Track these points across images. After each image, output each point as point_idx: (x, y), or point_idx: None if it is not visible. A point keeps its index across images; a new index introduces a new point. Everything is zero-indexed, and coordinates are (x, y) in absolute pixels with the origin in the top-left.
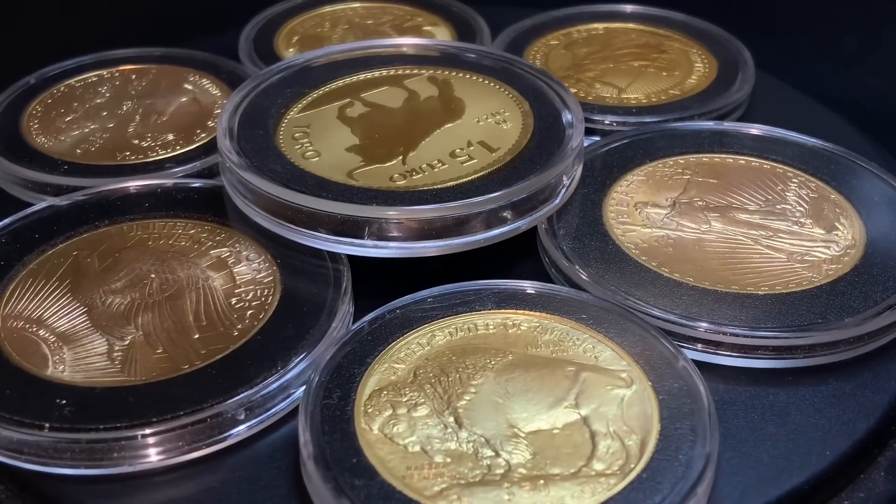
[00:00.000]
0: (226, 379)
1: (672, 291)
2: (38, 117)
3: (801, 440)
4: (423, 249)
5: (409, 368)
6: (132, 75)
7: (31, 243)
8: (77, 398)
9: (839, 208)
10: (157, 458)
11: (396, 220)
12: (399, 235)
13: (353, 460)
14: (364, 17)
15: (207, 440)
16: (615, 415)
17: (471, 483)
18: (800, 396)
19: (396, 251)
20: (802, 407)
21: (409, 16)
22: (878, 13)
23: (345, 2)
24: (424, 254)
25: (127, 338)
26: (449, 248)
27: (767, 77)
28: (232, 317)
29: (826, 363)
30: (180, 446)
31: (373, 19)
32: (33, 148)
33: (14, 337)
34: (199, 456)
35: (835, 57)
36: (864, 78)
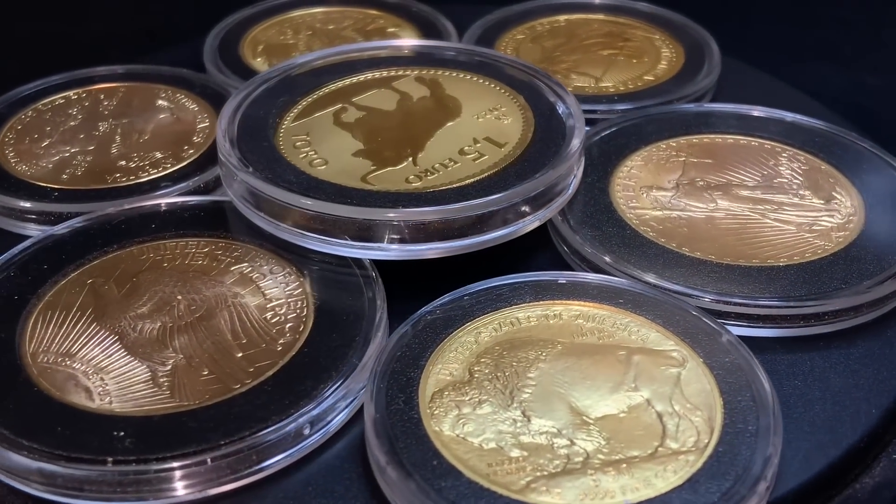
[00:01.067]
0: (284, 394)
1: (699, 270)
2: (12, 144)
3: (846, 401)
4: (450, 249)
5: (463, 367)
6: (100, 95)
7: (42, 275)
8: (135, 428)
9: (832, 178)
10: (228, 482)
11: (422, 221)
12: (423, 236)
13: (433, 462)
14: (325, 22)
15: (275, 458)
16: (676, 394)
17: (554, 474)
18: (834, 360)
19: (420, 252)
20: (839, 370)
21: (370, 18)
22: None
23: (302, 7)
24: (450, 253)
25: (168, 362)
26: (473, 246)
27: (732, 60)
28: (271, 332)
29: (851, 326)
30: (248, 467)
31: (334, 24)
32: (15, 176)
33: (48, 372)
34: (269, 475)
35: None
36: (864, 78)
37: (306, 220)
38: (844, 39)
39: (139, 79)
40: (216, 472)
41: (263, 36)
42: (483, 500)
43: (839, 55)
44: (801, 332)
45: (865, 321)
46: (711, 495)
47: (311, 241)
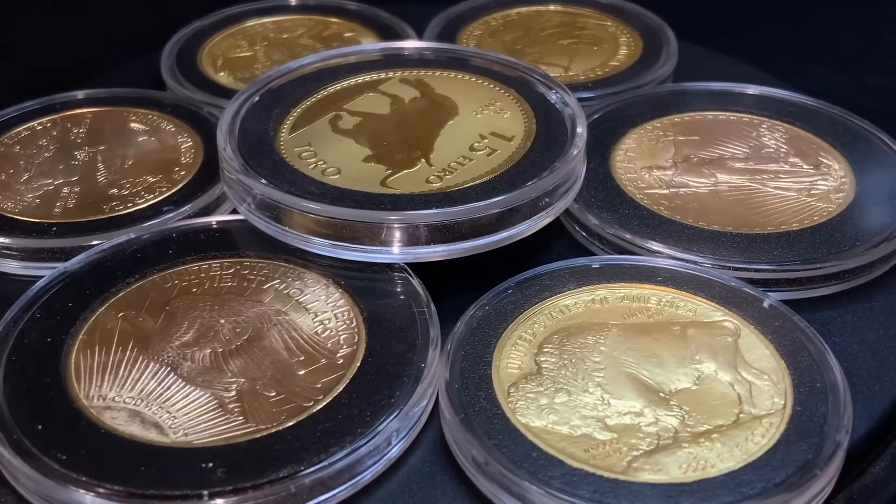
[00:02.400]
0: (364, 406)
1: (721, 242)
2: None
3: (883, 351)
4: (481, 246)
5: (528, 360)
6: (67, 123)
7: (69, 313)
8: (223, 458)
9: (814, 144)
10: (325, 500)
11: (457, 220)
12: (455, 235)
13: (533, 455)
14: (278, 31)
15: (369, 470)
16: (740, 361)
17: (649, 451)
18: (861, 314)
19: (452, 252)
20: (869, 323)
21: (322, 25)
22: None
23: (251, 18)
24: (483, 250)
25: (232, 388)
26: (504, 240)
27: (689, 44)
28: (326, 345)
29: (867, 281)
30: (343, 482)
31: (287, 33)
32: (2, 215)
33: (109, 412)
34: (363, 487)
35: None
36: (864, 78)
37: (336, 229)
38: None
39: (102, 103)
40: (312, 492)
41: (219, 49)
42: (594, 485)
43: (839, 55)
44: (824, 292)
45: (878, 275)
46: (805, 454)
47: (341, 249)
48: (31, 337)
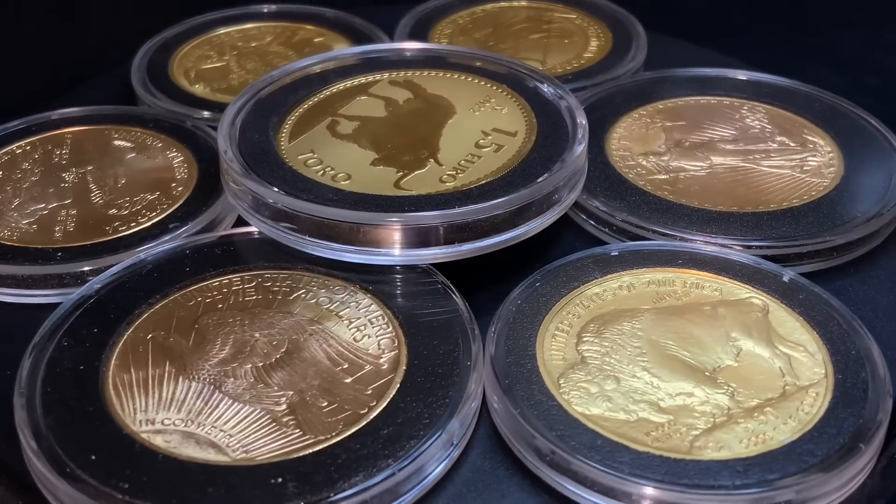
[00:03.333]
0: (422, 407)
1: (731, 222)
2: None
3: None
4: (502, 242)
5: (570, 350)
6: (48, 145)
7: (97, 339)
8: (291, 472)
9: (795, 122)
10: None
11: (487, 217)
12: (477, 233)
13: (597, 442)
14: (245, 40)
15: (434, 470)
16: (774, 335)
17: (708, 429)
18: (871, 283)
19: (478, 248)
20: (879, 290)
21: (289, 31)
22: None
23: (214, 29)
24: (505, 245)
25: (282, 401)
26: (524, 234)
27: (656, 34)
28: (368, 351)
29: (869, 250)
30: (413, 486)
31: (256, 41)
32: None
33: (162, 436)
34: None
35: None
36: (864, 78)
37: (360, 234)
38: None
39: (80, 122)
40: (383, 498)
41: (188, 61)
42: (664, 466)
43: (839, 55)
44: (832, 264)
45: (879, 243)
46: (855, 419)
47: (365, 255)
48: (63, 366)
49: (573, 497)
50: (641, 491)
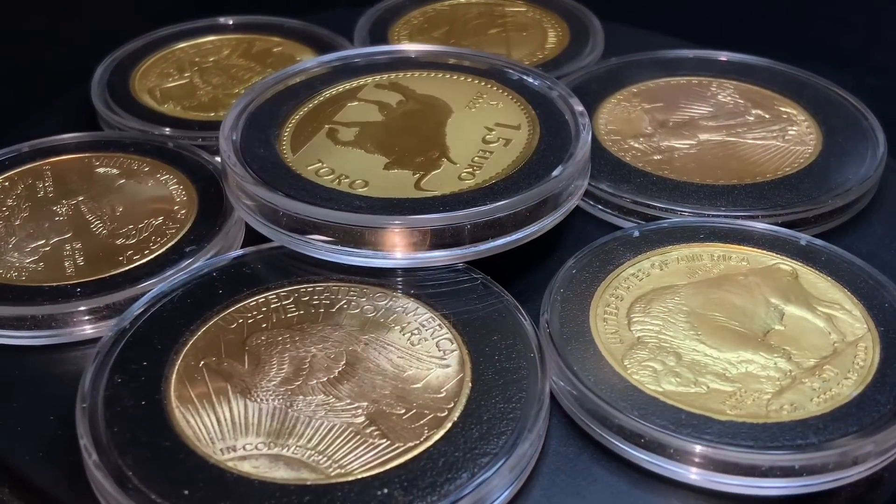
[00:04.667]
0: (501, 402)
1: (736, 194)
2: None
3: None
4: (530, 235)
5: (624, 332)
6: (28, 179)
7: (150, 372)
8: (396, 481)
9: (764, 95)
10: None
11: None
12: (508, 228)
13: (681, 417)
14: (201, 55)
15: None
16: (811, 297)
17: (777, 392)
18: (869, 240)
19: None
20: (879, 246)
21: (245, 43)
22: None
23: (166, 46)
24: (532, 237)
25: (360, 414)
26: (552, 223)
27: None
28: (429, 354)
29: (860, 211)
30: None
31: (214, 56)
32: (8, 285)
33: (248, 461)
34: None
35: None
36: (864, 78)
37: (392, 237)
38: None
39: (56, 152)
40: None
41: (149, 81)
42: (752, 432)
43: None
44: (831, 226)
45: (868, 202)
46: None
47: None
48: (124, 403)
49: (667, 473)
50: (739, 457)
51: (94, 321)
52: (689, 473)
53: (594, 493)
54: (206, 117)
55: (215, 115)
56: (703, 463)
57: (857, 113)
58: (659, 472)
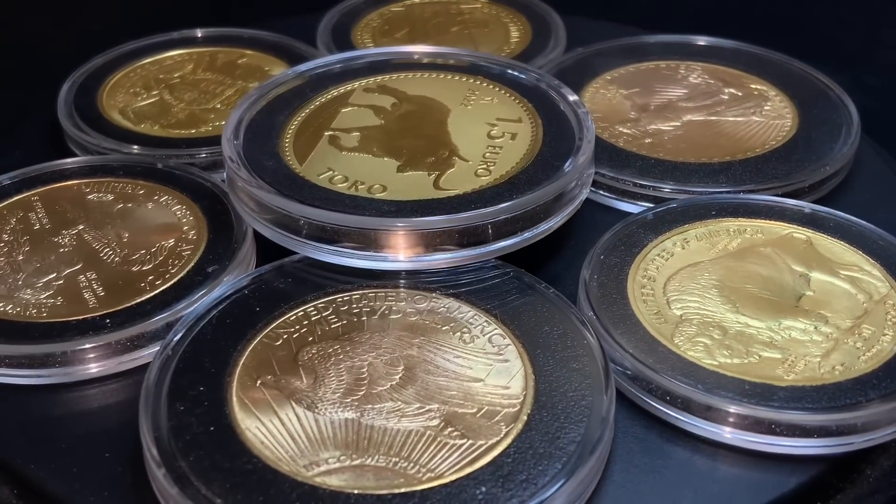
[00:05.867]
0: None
1: (734, 170)
2: None
3: None
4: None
5: (665, 311)
6: (18, 212)
7: (209, 397)
8: (491, 478)
9: (732, 74)
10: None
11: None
12: (534, 220)
13: (745, 387)
14: (166, 71)
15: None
16: (831, 262)
17: (825, 355)
18: (858, 206)
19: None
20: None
21: (207, 56)
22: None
23: (124, 66)
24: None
25: (434, 417)
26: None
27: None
28: (485, 351)
29: (844, 179)
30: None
31: (178, 71)
32: (27, 322)
33: (334, 477)
34: None
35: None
36: (864, 78)
37: (430, 239)
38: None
39: (42, 182)
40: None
41: (117, 101)
42: (817, 394)
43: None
44: (822, 194)
45: (849, 170)
46: None
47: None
48: (193, 431)
49: (739, 443)
50: (809, 420)
51: (127, 351)
52: (761, 441)
53: (671, 470)
54: (189, 134)
55: (196, 131)
56: (775, 429)
57: (822, 85)
58: (729, 442)
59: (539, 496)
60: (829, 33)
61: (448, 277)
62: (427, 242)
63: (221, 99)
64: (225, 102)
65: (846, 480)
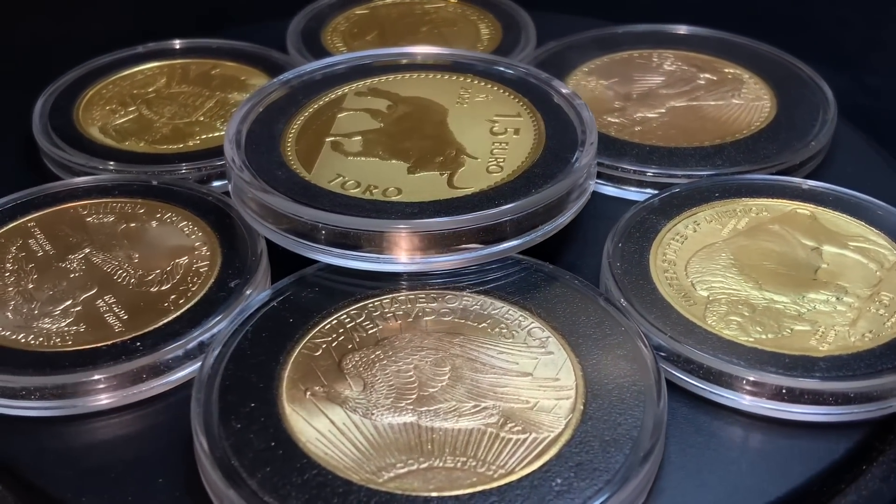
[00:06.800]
0: (621, 374)
1: (728, 152)
2: None
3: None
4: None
5: (691, 292)
6: (17, 239)
7: (262, 412)
8: (566, 469)
9: (704, 60)
10: None
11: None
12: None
13: (786, 360)
14: (139, 87)
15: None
16: (838, 234)
17: (851, 324)
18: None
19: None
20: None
21: (179, 68)
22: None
23: (94, 84)
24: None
25: (493, 414)
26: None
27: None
28: (526, 344)
29: (827, 154)
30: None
31: (151, 86)
32: (58, 352)
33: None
34: None
35: (835, 57)
36: (864, 78)
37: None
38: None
39: (35, 207)
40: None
41: (94, 120)
42: (856, 362)
43: (839, 55)
44: (809, 170)
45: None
46: None
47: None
48: (255, 447)
49: (792, 416)
50: (854, 387)
51: (162, 373)
52: (806, 411)
53: (724, 446)
54: (178, 149)
55: (184, 145)
56: (820, 399)
57: (792, 66)
58: (779, 416)
59: (614, 483)
60: (829, 33)
61: (473, 275)
62: (451, 242)
63: (203, 111)
64: (207, 115)
65: (886, 442)
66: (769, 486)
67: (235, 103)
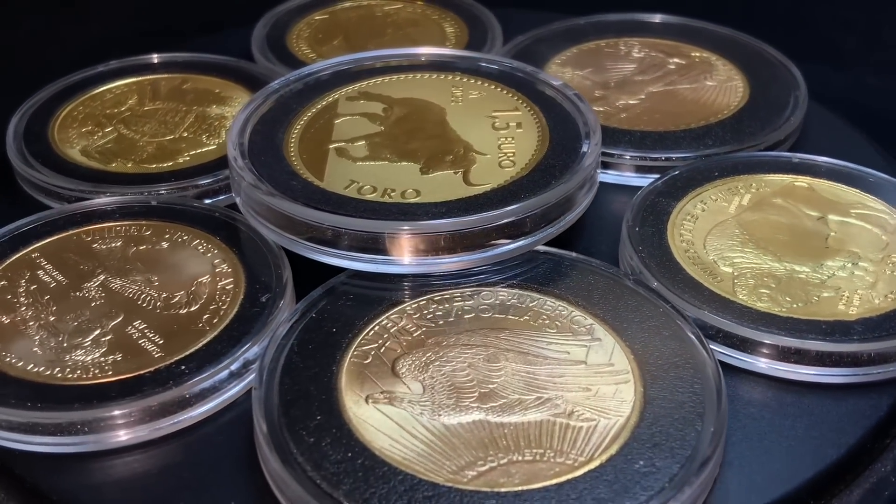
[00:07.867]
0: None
1: (717, 132)
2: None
3: None
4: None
5: (715, 268)
6: (24, 272)
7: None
8: (646, 451)
9: (670, 46)
10: None
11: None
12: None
13: (822, 327)
14: (111, 106)
15: None
16: (839, 204)
17: (871, 286)
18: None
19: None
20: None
21: (148, 84)
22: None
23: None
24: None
25: (558, 404)
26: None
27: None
28: (573, 332)
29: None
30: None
31: (124, 104)
32: (99, 384)
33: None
34: None
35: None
36: (864, 78)
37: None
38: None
39: (33, 238)
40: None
41: (72, 143)
42: (882, 324)
43: (839, 55)
44: (790, 144)
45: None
46: None
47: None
48: (333, 459)
49: (834, 380)
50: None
51: (211, 394)
52: (848, 373)
53: (779, 414)
54: (169, 167)
55: (174, 162)
56: (860, 360)
57: (753, 46)
58: (820, 380)
59: (696, 458)
60: (829, 33)
61: (500, 270)
62: (481, 239)
63: (184, 127)
64: (190, 130)
65: None
66: (828, 448)
67: (216, 116)
